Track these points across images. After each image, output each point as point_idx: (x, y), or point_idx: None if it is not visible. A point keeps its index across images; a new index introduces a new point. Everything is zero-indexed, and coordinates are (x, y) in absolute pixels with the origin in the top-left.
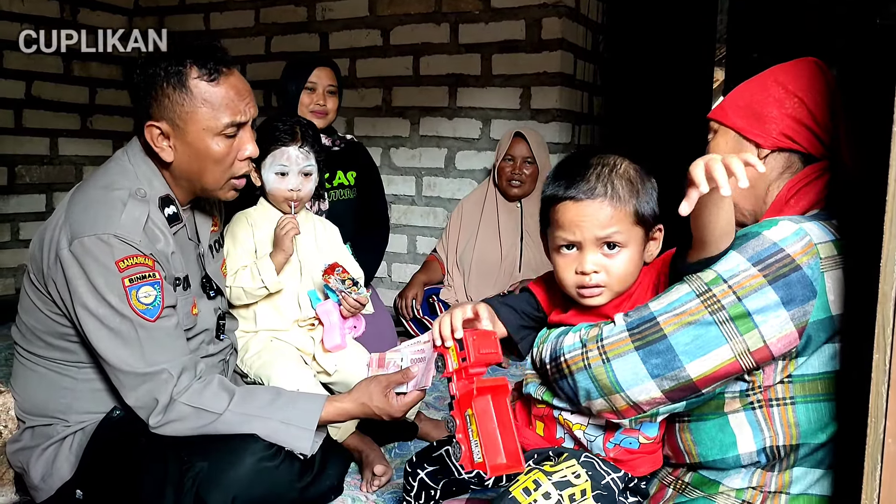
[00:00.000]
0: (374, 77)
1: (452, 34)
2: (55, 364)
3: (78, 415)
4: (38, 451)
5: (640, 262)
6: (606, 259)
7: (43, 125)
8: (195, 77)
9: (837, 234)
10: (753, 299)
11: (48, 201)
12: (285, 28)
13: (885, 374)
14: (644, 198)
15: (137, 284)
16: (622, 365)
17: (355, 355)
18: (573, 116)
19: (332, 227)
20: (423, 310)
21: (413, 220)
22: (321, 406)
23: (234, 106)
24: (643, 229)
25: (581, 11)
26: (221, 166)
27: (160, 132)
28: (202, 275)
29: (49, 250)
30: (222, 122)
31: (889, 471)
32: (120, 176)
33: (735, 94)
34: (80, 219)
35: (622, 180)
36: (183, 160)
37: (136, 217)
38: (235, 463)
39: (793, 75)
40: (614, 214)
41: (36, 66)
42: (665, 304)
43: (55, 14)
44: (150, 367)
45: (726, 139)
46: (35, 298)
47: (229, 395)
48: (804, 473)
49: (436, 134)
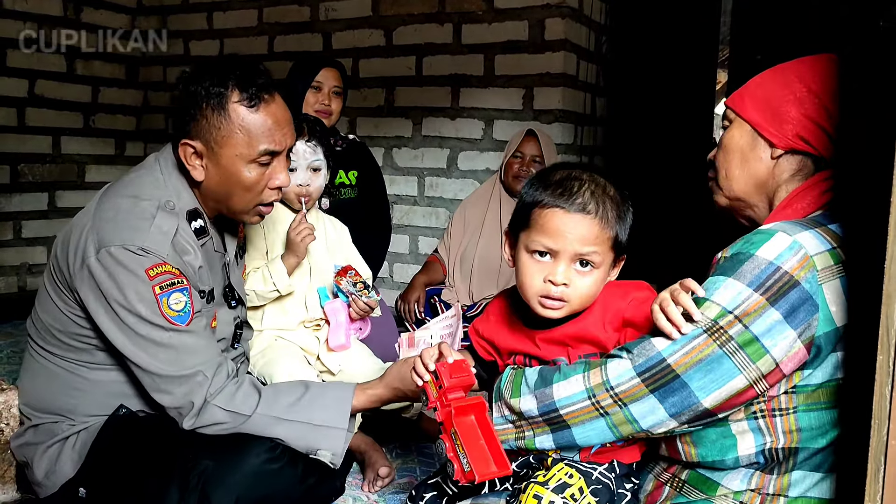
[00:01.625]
0: (377, 77)
1: (455, 34)
2: (68, 363)
3: (85, 414)
4: (42, 448)
5: (602, 285)
6: (577, 275)
7: (45, 123)
8: (235, 101)
9: (834, 243)
10: (759, 323)
11: (50, 200)
12: (288, 28)
13: (889, 375)
14: (625, 225)
15: (168, 292)
16: (640, 407)
17: (360, 355)
18: (576, 117)
19: (342, 226)
20: (425, 311)
21: (415, 220)
22: (351, 395)
23: (271, 135)
24: (614, 255)
25: (584, 12)
26: (251, 193)
27: (194, 151)
28: (225, 283)
29: (75, 255)
30: (257, 149)
31: (893, 472)
32: (150, 186)
33: (756, 83)
34: (107, 227)
35: (613, 203)
36: (213, 181)
37: (164, 230)
38: (240, 463)
39: (816, 73)
40: (599, 234)
41: (39, 64)
42: (671, 344)
43: (58, 13)
44: (185, 370)
45: (741, 132)
46: (56, 297)
47: (258, 395)
48: (803, 477)
49: (438, 134)
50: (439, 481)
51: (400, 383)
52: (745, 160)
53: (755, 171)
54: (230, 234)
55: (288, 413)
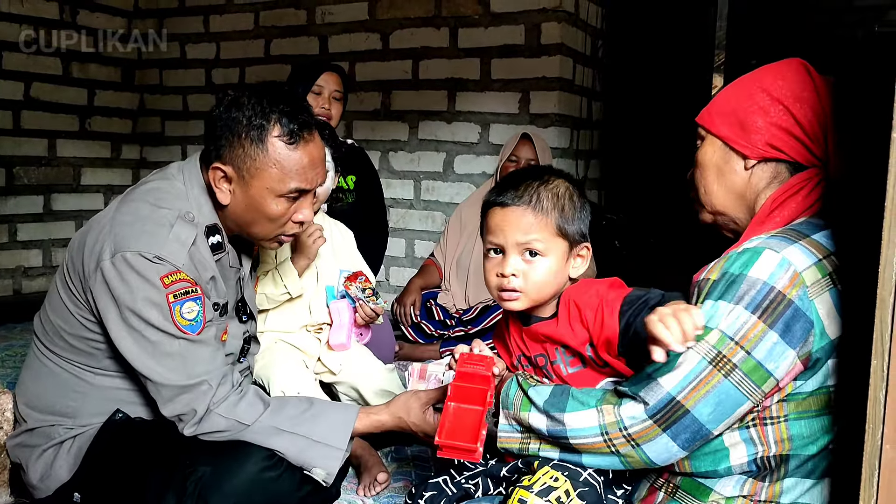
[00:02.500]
0: (374, 81)
1: (452, 38)
2: (73, 366)
3: (83, 418)
4: (38, 452)
5: (560, 273)
6: (525, 265)
7: (41, 126)
8: (275, 135)
9: (819, 255)
10: (760, 348)
11: (46, 202)
12: (285, 31)
13: (883, 380)
14: (569, 214)
15: (182, 300)
16: (653, 447)
17: (361, 355)
18: (572, 121)
19: (348, 231)
20: (421, 314)
21: (411, 223)
22: (354, 418)
23: (305, 174)
24: (567, 242)
25: (580, 16)
26: (274, 224)
27: (223, 175)
28: (238, 298)
29: (90, 257)
30: (288, 186)
31: (887, 477)
32: (172, 195)
33: (721, 98)
34: (125, 232)
35: (549, 194)
36: (238, 207)
37: (182, 240)
38: (238, 470)
39: (778, 79)
40: (535, 223)
41: (35, 67)
42: (680, 380)
43: (55, 15)
44: (190, 379)
45: (713, 148)
46: (66, 299)
47: (263, 406)
48: (794, 484)
49: (434, 138)
50: (439, 482)
51: (405, 414)
52: (720, 175)
53: (732, 184)
54: (247, 250)
55: (289, 425)
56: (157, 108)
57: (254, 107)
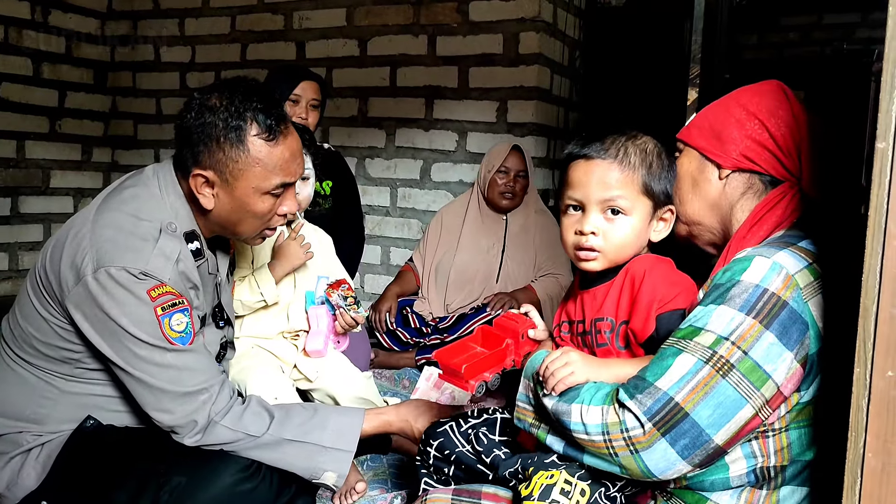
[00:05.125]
0: (351, 87)
1: (430, 46)
2: (44, 373)
3: (53, 424)
4: (5, 459)
5: (642, 235)
6: (607, 223)
7: (10, 127)
8: (254, 134)
9: (809, 259)
10: (757, 348)
11: (13, 205)
12: (261, 36)
13: (866, 388)
14: (657, 172)
15: (170, 312)
16: (652, 455)
17: (337, 363)
18: (549, 131)
19: (326, 237)
20: (396, 322)
21: (387, 231)
22: (361, 420)
23: (287, 168)
24: (651, 202)
25: (558, 27)
26: (259, 221)
27: (205, 181)
28: (215, 304)
29: (69, 270)
30: (273, 182)
31: (869, 486)
32: (150, 205)
33: (700, 115)
34: (108, 247)
35: (637, 149)
36: (223, 210)
37: (167, 254)
38: (214, 480)
39: (755, 97)
40: (621, 178)
41: (4, 67)
42: (676, 381)
43: (26, 15)
44: (189, 388)
45: (690, 159)
46: (40, 308)
47: (269, 417)
48: (791, 492)
49: (412, 145)
50: (446, 428)
51: (413, 419)
52: (695, 184)
53: (706, 193)
54: (222, 253)
55: (298, 433)
56: (129, 110)
57: (227, 108)
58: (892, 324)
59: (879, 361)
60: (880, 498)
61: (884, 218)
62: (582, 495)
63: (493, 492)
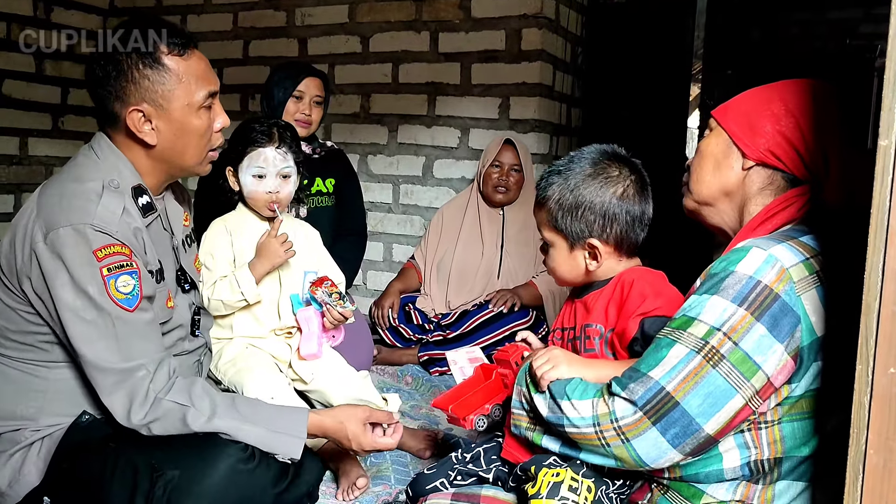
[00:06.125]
0: (353, 84)
1: (432, 42)
2: (26, 365)
3: (49, 417)
4: (6, 457)
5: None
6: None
7: (13, 124)
8: (167, 54)
9: (807, 253)
10: (748, 339)
11: (16, 202)
12: (263, 32)
13: (868, 385)
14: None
15: (115, 274)
16: (643, 443)
17: (333, 363)
18: (551, 127)
19: (313, 231)
20: (399, 318)
21: (389, 227)
22: (307, 415)
23: (207, 76)
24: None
25: (561, 23)
26: (203, 140)
27: (142, 115)
28: (177, 268)
29: (23, 245)
30: (201, 94)
31: (871, 482)
32: (90, 169)
33: (741, 97)
34: (53, 211)
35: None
36: (167, 140)
37: (111, 209)
38: (209, 470)
39: (798, 95)
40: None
41: (7, 64)
42: (668, 370)
43: (28, 13)
44: (126, 362)
45: (718, 140)
46: (6, 298)
47: (212, 400)
48: (787, 487)
49: (414, 142)
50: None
51: (346, 419)
52: (717, 167)
53: (725, 178)
54: (176, 216)
55: (249, 415)
56: None
57: (134, 41)
58: (894, 321)
59: (881, 358)
60: (882, 494)
61: (886, 215)
62: (589, 492)
63: (493, 494)
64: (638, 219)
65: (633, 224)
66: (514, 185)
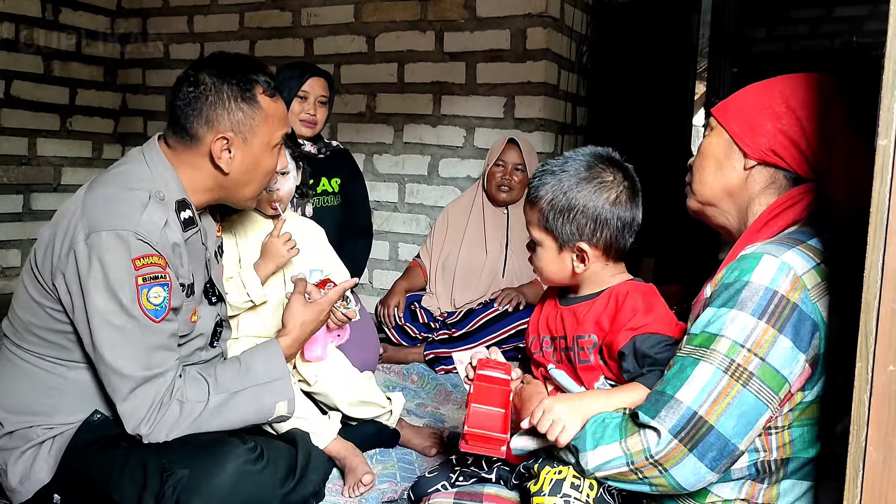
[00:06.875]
0: (359, 83)
1: (437, 42)
2: (46, 362)
3: (62, 416)
4: (17, 454)
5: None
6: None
7: (22, 125)
8: (261, 93)
9: (817, 259)
10: (775, 354)
11: (25, 202)
12: (270, 32)
13: (868, 382)
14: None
15: (149, 284)
16: (681, 471)
17: (337, 365)
18: (557, 126)
19: (318, 228)
20: (405, 317)
21: (395, 226)
22: (278, 347)
23: (285, 120)
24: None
25: (566, 22)
26: (266, 178)
27: (226, 143)
28: (206, 280)
29: (63, 241)
30: (278, 136)
31: (870, 478)
32: (140, 176)
33: (741, 94)
34: (99, 213)
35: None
36: (238, 172)
37: (155, 220)
38: (218, 470)
39: (800, 91)
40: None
41: (15, 65)
42: (697, 392)
43: (37, 14)
44: (146, 370)
45: (719, 140)
46: (35, 292)
47: (205, 380)
48: (792, 486)
49: (419, 141)
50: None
51: (299, 315)
52: (719, 167)
53: (727, 179)
54: (210, 229)
55: (237, 384)
56: (139, 107)
57: (233, 74)
58: (894, 319)
59: (881, 356)
60: (881, 490)
61: (885, 214)
62: (591, 489)
63: (496, 492)
64: (628, 225)
65: (623, 230)
66: (517, 185)
